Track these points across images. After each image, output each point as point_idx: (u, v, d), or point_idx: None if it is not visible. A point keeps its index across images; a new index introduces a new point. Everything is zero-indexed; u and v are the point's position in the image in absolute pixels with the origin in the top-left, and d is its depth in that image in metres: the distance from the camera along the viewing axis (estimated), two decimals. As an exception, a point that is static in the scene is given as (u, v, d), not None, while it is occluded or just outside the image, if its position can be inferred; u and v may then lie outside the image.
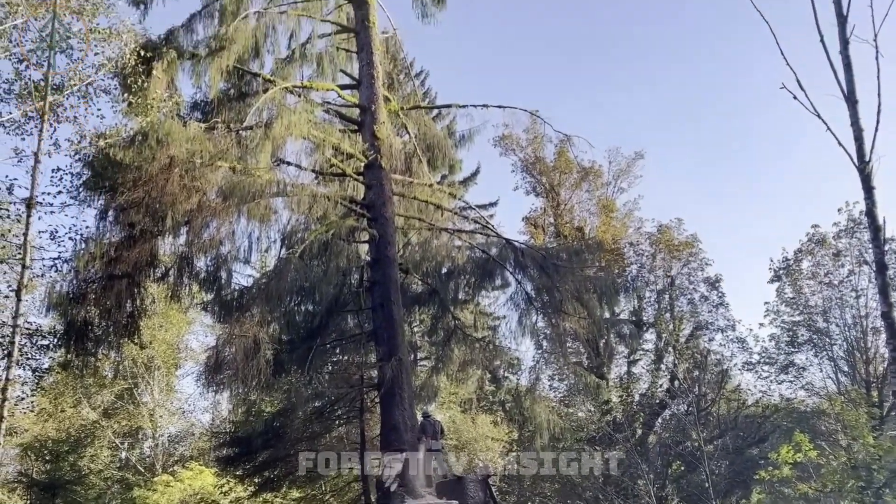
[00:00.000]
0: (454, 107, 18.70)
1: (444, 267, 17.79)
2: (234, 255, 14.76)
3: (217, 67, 14.89)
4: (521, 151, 31.74)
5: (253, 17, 15.83)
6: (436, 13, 18.34)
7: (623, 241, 31.08)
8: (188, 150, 13.97)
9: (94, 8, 13.74)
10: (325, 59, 17.09)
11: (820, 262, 31.48)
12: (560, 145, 29.86)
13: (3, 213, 13.69)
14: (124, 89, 13.82)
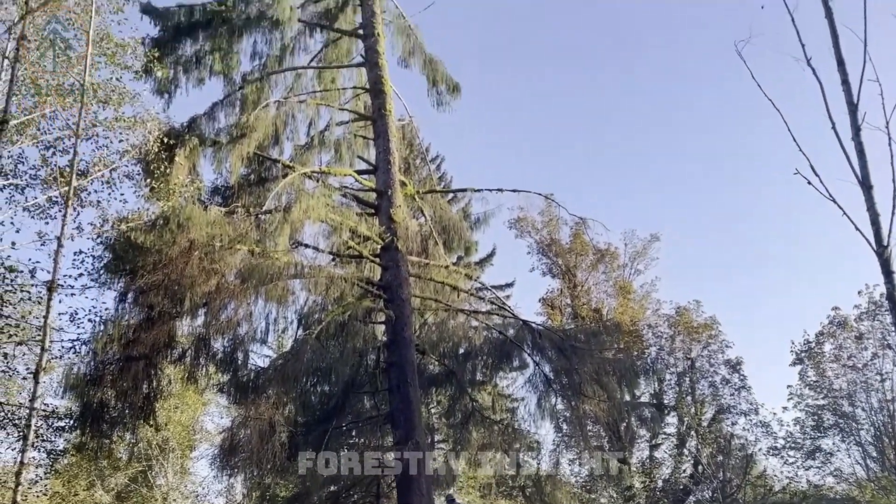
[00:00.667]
0: (469, 191, 18.99)
1: (461, 348, 17.73)
2: (251, 336, 14.82)
3: (238, 154, 15.28)
4: (537, 233, 32.05)
5: (273, 106, 16.34)
6: (451, 101, 18.88)
7: (641, 322, 30.93)
8: (208, 233, 14.20)
9: (121, 98, 14.29)
10: (343, 146, 17.54)
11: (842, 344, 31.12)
12: (575, 227, 30.15)
13: (24, 295, 13.91)
14: (147, 175, 14.22)
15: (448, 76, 18.88)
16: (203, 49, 16.12)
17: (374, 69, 17.40)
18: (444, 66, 18.92)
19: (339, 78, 18.42)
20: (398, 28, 18.60)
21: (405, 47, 18.61)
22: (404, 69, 18.63)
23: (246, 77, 16.43)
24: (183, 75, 15.94)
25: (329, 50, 18.40)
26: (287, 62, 17.33)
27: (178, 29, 15.86)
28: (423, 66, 18.78)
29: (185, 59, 15.96)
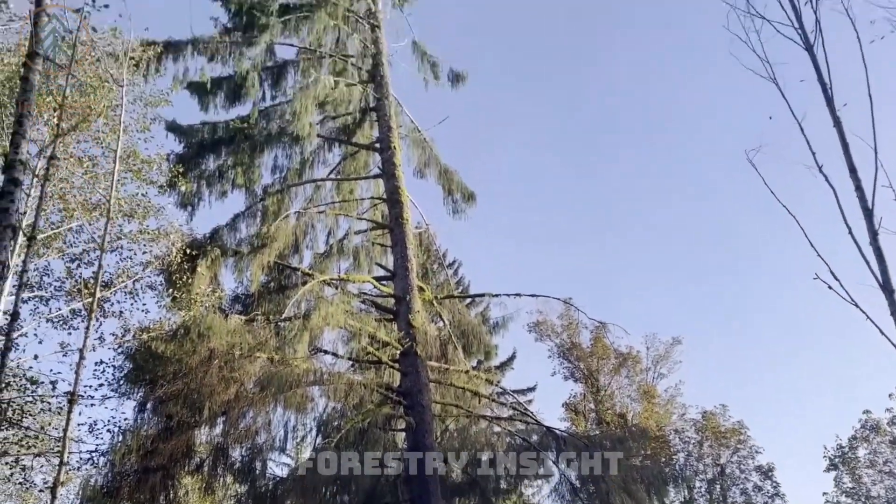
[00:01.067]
0: (487, 296, 19.08)
1: (484, 455, 17.30)
2: (269, 445, 14.61)
3: (258, 264, 15.56)
4: (557, 337, 31.86)
5: (293, 217, 16.75)
6: (466, 209, 19.24)
7: (667, 427, 30.23)
8: (228, 342, 14.29)
9: (146, 211, 14.73)
10: (362, 254, 17.83)
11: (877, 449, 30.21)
12: (595, 331, 29.97)
13: (44, 406, 13.90)
14: (169, 285, 14.46)
15: (463, 185, 19.32)
16: (226, 164, 16.71)
17: (391, 180, 17.85)
18: (458, 175, 19.41)
19: (357, 189, 18.92)
20: (413, 141, 19.19)
21: (420, 159, 19.16)
22: (420, 179, 19.13)
23: (267, 189, 16.94)
24: (206, 189, 16.46)
25: (347, 162, 18.99)
26: (307, 175, 17.89)
27: (202, 145, 16.50)
28: (439, 176, 19.25)
29: (209, 174, 16.52)
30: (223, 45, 17.07)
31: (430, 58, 20.28)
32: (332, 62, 18.59)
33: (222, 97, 16.92)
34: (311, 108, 16.93)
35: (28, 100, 8.08)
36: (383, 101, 18.42)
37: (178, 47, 16.58)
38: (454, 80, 20.44)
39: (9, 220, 7.30)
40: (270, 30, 17.17)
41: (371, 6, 19.46)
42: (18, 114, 8.02)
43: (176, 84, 16.48)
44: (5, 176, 7.63)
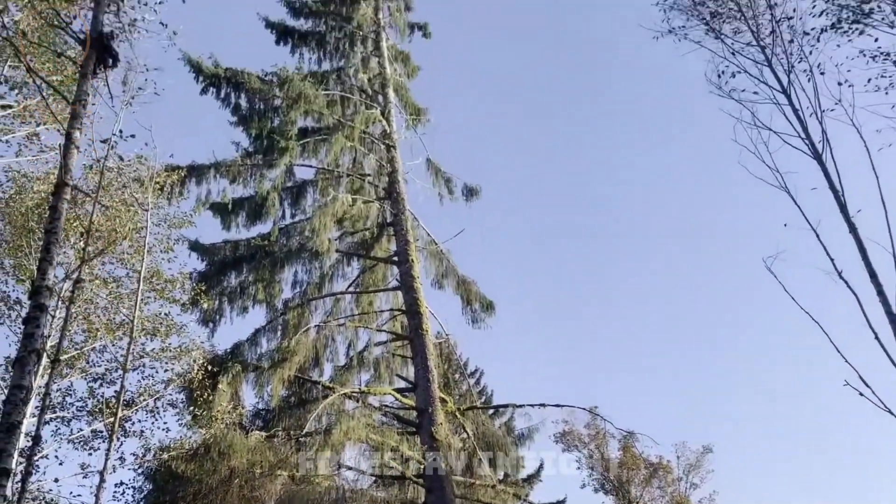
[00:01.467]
0: (511, 406, 18.80)
1: (515, 575, 16.62)
2: (291, 566, 14.10)
3: (279, 378, 15.52)
4: (585, 447, 31.04)
5: (313, 330, 16.84)
6: (485, 318, 19.25)
7: (706, 542, 28.88)
8: (249, 460, 14.08)
9: (168, 329, 14.89)
10: (382, 365, 17.76)
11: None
12: (624, 441, 29.20)
13: (64, 531, 13.63)
14: (190, 402, 14.43)
15: (481, 295, 19.41)
16: (247, 280, 16.99)
17: (410, 292, 17.99)
18: (477, 285, 19.53)
19: (377, 301, 19.07)
20: (430, 253, 19.46)
21: (438, 270, 19.36)
22: (438, 290, 19.27)
23: (287, 304, 17.12)
24: (227, 305, 16.68)
25: (366, 275, 19.24)
26: (326, 288, 18.11)
27: (224, 263, 16.85)
28: (457, 286, 19.39)
29: (230, 290, 16.78)
30: (244, 167, 17.71)
31: (443, 174, 20.87)
32: (350, 180, 19.18)
33: (244, 216, 17.41)
34: (330, 225, 17.35)
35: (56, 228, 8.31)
36: (400, 216, 18.83)
37: (201, 171, 17.23)
38: (468, 195, 20.95)
39: (34, 344, 7.37)
40: (290, 152, 17.83)
41: (386, 128, 20.21)
42: (46, 241, 8.23)
43: (199, 206, 17.01)
44: (31, 302, 7.77)
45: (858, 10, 12.97)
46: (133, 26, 11.26)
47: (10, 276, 14.78)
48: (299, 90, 18.28)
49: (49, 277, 8.03)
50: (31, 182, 15.24)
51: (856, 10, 13.00)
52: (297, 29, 20.91)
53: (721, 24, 15.15)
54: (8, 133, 15.63)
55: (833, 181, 10.77)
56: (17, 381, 6.92)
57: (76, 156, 9.09)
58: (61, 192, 8.50)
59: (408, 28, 22.87)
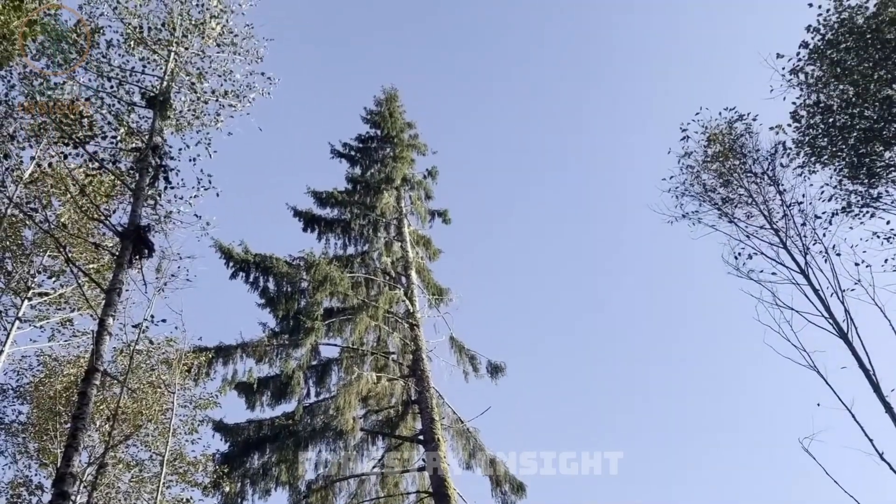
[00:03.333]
0: None
1: None
2: None
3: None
4: None
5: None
6: (516, 501, 18.48)
7: None
8: None
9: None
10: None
11: None
12: None
13: None
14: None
15: (511, 476, 18.79)
16: (270, 461, 16.66)
17: (437, 473, 17.49)
18: (505, 465, 18.94)
19: (402, 482, 18.53)
20: (457, 432, 19.09)
21: (465, 449, 18.88)
22: (466, 470, 18.68)
23: (311, 486, 16.70)
24: (250, 487, 16.25)
25: (391, 454, 18.79)
26: (350, 469, 17.66)
27: (248, 443, 16.64)
28: (486, 466, 18.82)
29: (253, 472, 16.42)
30: (271, 347, 17.95)
31: (467, 352, 20.92)
32: (374, 359, 19.28)
33: (268, 396, 17.42)
34: (354, 403, 17.27)
35: (84, 413, 8.36)
36: (425, 394, 18.71)
37: (227, 351, 17.47)
38: (493, 372, 20.85)
39: None
40: (316, 332, 18.13)
41: (409, 307, 20.59)
42: (73, 427, 8.25)
43: (225, 386, 17.09)
44: (55, 490, 7.70)
45: (867, 195, 13.38)
46: (168, 218, 11.90)
47: (34, 459, 14.65)
48: (325, 273, 18.90)
49: (74, 464, 7.96)
50: (62, 366, 15.50)
51: (864, 195, 13.40)
52: (323, 217, 21.94)
53: (733, 208, 15.55)
54: (43, 319, 16.11)
55: (862, 360, 10.64)
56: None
57: (108, 341, 9.33)
58: (91, 377, 8.62)
59: (428, 215, 23.91)
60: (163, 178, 11.57)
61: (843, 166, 13.56)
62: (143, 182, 10.88)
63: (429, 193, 24.42)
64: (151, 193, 11.39)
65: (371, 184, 22.97)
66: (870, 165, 13.09)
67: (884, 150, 13.04)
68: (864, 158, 13.12)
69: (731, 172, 15.78)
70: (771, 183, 15.01)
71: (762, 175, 15.21)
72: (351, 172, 23.71)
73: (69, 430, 8.58)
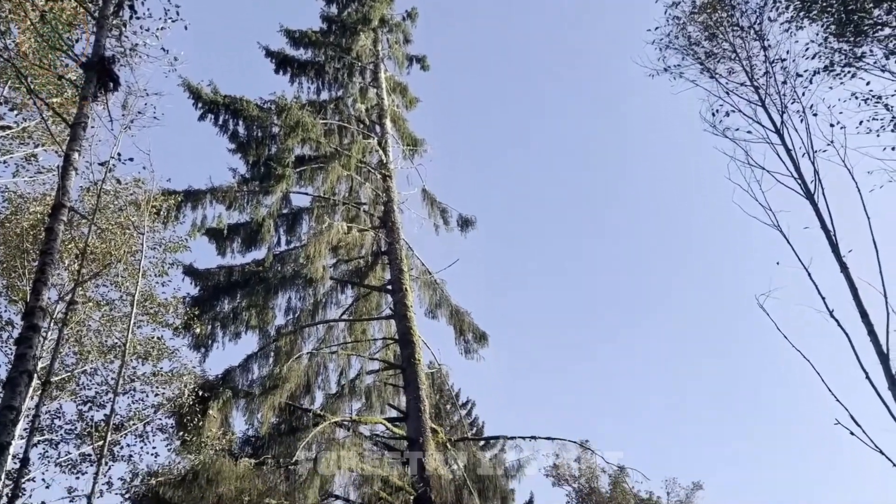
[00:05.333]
0: (502, 438, 18.67)
1: None
2: None
3: (270, 405, 15.44)
4: (575, 482, 30.77)
5: (306, 357, 16.81)
6: (478, 349, 19.22)
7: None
8: (237, 487, 13.95)
9: (160, 353, 14.83)
10: (374, 394, 17.70)
11: None
12: (614, 475, 28.96)
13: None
14: (180, 427, 14.33)
15: (474, 325, 19.40)
16: (240, 306, 16.97)
17: (403, 321, 17.98)
18: (470, 316, 19.53)
19: (370, 329, 19.06)
20: (424, 283, 19.49)
21: (432, 300, 19.36)
22: (432, 320, 19.24)
23: (280, 330, 17.10)
24: (220, 330, 16.64)
25: (360, 303, 19.23)
26: (319, 315, 18.10)
27: (218, 288, 16.85)
28: (450, 317, 19.38)
29: (223, 316, 16.75)
30: (241, 193, 17.79)
31: (439, 205, 20.97)
32: (346, 209, 19.27)
33: (239, 242, 17.46)
34: (325, 252, 17.39)
35: (52, 249, 8.32)
36: (394, 246, 18.88)
37: (197, 196, 17.29)
38: (463, 226, 21.03)
39: (25, 365, 7.36)
40: (287, 179, 17.91)
41: (383, 158, 20.36)
42: (42, 262, 8.23)
43: (194, 231, 17.05)
44: (25, 322, 7.77)
45: (851, 54, 13.22)
46: (134, 51, 11.39)
47: (3, 296, 14.73)
48: (297, 118, 18.42)
49: (43, 298, 8.03)
50: (28, 203, 15.26)
51: (848, 54, 13.25)
52: (296, 58, 21.12)
53: (716, 63, 15.41)
54: (6, 154, 15.69)
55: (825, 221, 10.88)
56: (7, 401, 6.89)
57: (74, 178, 9.14)
58: (58, 213, 8.52)
59: (406, 60, 23.14)
60: (128, 6, 10.98)
61: (832, 23, 13.34)
62: (106, 10, 10.28)
63: (407, 37, 23.53)
64: (116, 23, 10.84)
65: (347, 24, 21.97)
66: (857, 23, 12.88)
67: (873, 6, 12.80)
68: (852, 15, 12.88)
69: (718, 25, 15.53)
70: (756, 38, 14.79)
71: (748, 29, 14.94)
72: (326, 11, 22.64)
73: (37, 265, 8.58)
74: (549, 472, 30.86)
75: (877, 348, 8.14)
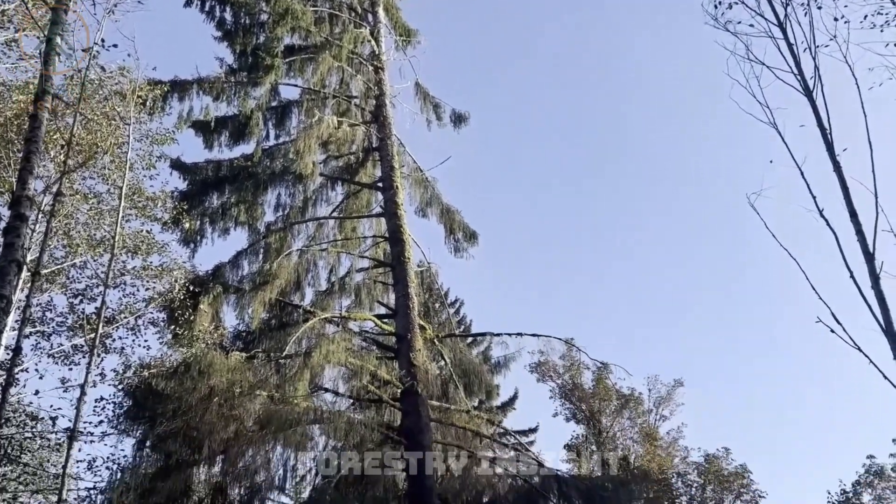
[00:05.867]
0: (489, 335, 18.99)
1: (485, 497, 17.06)
2: (269, 484, 14.40)
3: (260, 301, 15.55)
4: (559, 378, 31.68)
5: (296, 254, 16.81)
6: (468, 248, 19.28)
7: (670, 471, 29.86)
8: (228, 379, 14.21)
9: (149, 248, 14.80)
10: (363, 291, 17.83)
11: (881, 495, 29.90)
12: (598, 372, 29.81)
13: (44, 442, 13.81)
14: (171, 321, 14.47)
15: (465, 225, 19.39)
16: (229, 201, 16.82)
17: (393, 219, 17.91)
18: (460, 215, 19.48)
19: (360, 227, 19.01)
20: (416, 180, 19.31)
21: (423, 198, 19.24)
22: (422, 218, 19.19)
23: (270, 227, 17.03)
24: (209, 226, 16.54)
25: (350, 201, 19.10)
26: (309, 212, 18.00)
27: (206, 183, 16.63)
28: (441, 215, 19.33)
29: (212, 211, 16.62)
30: (228, 84, 17.29)
31: (432, 99, 20.51)
32: (336, 102, 18.83)
33: (226, 136, 17.12)
34: (315, 148, 17.09)
35: (36, 137, 8.19)
36: (386, 141, 18.58)
37: (183, 86, 16.80)
38: (456, 122, 20.65)
39: (14, 255, 7.34)
40: (275, 70, 17.38)
41: (375, 49, 19.74)
42: (26, 150, 8.12)
43: (181, 122, 16.67)
44: (12, 212, 7.70)
45: None
46: (117, -71, 10.85)
47: (-11, 187, 14.54)
48: (286, 5, 17.70)
49: (29, 187, 7.94)
50: (11, 91, 14.83)
51: None
52: (286, -60, 20.09)
53: (720, -50, 14.78)
54: (-15, 38, 15.12)
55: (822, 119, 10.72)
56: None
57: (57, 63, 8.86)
58: (42, 99, 8.33)
59: (401, -56, 22.10)
60: None
61: None
62: None
63: (402, -80, 22.37)
64: None
65: None
66: None
67: None
68: None
69: None
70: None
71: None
72: None
73: (22, 153, 8.46)
74: (533, 368, 31.70)
75: (863, 247, 8.16)
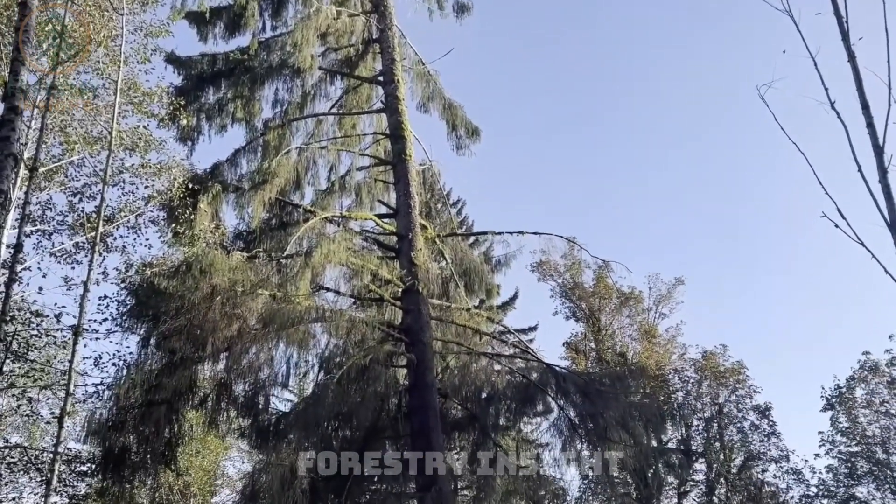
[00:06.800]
0: (490, 234, 18.95)
1: (484, 392, 17.45)
2: (272, 380, 14.74)
3: (260, 200, 15.42)
4: (560, 277, 31.92)
5: (295, 152, 16.53)
6: (470, 145, 18.94)
7: (667, 367, 30.49)
8: (230, 279, 14.27)
9: (147, 144, 14.55)
10: (364, 190, 17.66)
11: (874, 390, 30.55)
12: (598, 271, 29.98)
13: (49, 339, 14.02)
14: (171, 220, 14.40)
15: (467, 120, 18.99)
16: (225, 97, 16.41)
17: (394, 115, 17.54)
18: (463, 110, 19.04)
19: (360, 123, 18.65)
20: (417, 74, 18.77)
21: (424, 93, 18.76)
22: (424, 114, 18.78)
23: (268, 124, 16.69)
24: (206, 123, 16.21)
25: (350, 96, 18.65)
26: (308, 109, 17.59)
27: (202, 77, 16.18)
28: (443, 111, 18.90)
29: (208, 107, 16.25)
30: (222, -28, 16.59)
31: (433, -15, 19.72)
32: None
33: (221, 27, 16.52)
34: (313, 40, 16.53)
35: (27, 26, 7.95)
36: (386, 33, 17.98)
37: (176, -26, 16.11)
38: (459, 11, 19.95)
39: (10, 148, 7.25)
40: (271, -45, 16.66)
41: (374, -69, 18.82)
42: (17, 40, 7.95)
43: (175, 13, 16.08)
44: (5, 104, 7.56)
45: None
46: None
47: (-20, 81, 14.14)
48: None
49: (22, 79, 7.77)
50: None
51: None
52: None
53: None
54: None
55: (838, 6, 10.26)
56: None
57: None
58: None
59: None
60: None
61: None
62: None
63: None
64: None
65: None
66: None
67: None
68: None
69: None
70: None
71: None
72: None
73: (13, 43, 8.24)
74: (534, 267, 31.84)
75: (873, 141, 7.94)
